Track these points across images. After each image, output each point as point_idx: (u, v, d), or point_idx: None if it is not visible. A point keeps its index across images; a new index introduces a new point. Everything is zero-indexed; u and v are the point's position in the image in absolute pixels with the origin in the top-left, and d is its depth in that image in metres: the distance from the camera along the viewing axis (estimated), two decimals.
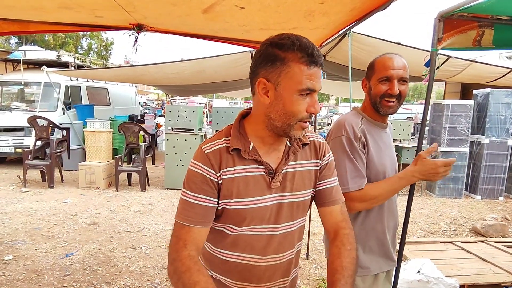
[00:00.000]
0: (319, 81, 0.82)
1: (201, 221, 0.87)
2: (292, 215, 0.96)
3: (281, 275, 0.98)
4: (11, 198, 4.87)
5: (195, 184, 0.87)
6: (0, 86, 7.37)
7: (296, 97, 0.81)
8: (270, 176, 0.91)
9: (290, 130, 0.85)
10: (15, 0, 1.60)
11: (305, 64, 0.79)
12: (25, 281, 2.69)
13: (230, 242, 0.94)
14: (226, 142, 0.90)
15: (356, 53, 5.02)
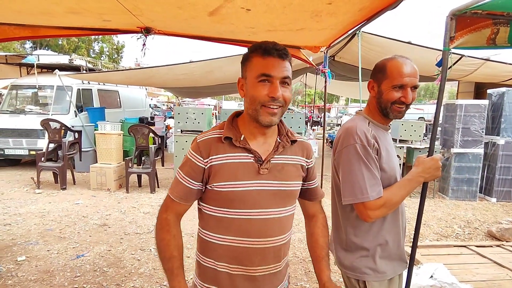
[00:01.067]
0: (276, 69, 0.95)
1: (182, 198, 1.03)
2: (283, 202, 1.05)
3: (272, 260, 1.06)
4: (25, 200, 4.98)
5: (185, 167, 1.03)
6: (15, 90, 7.57)
7: (256, 84, 0.96)
8: (259, 163, 1.01)
9: (258, 115, 0.97)
10: (23, 5, 1.62)
11: (260, 55, 0.96)
12: (37, 282, 2.73)
13: (225, 227, 1.02)
14: (218, 133, 1.03)
15: (365, 53, 4.95)
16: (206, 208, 1.06)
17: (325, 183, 5.64)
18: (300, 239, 3.81)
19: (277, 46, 0.96)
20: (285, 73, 0.96)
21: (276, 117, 0.97)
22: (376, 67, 1.28)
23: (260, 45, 0.97)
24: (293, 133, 1.12)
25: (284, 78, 0.96)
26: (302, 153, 1.11)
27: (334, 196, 1.42)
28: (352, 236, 1.32)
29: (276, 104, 0.95)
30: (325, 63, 2.66)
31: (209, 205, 1.04)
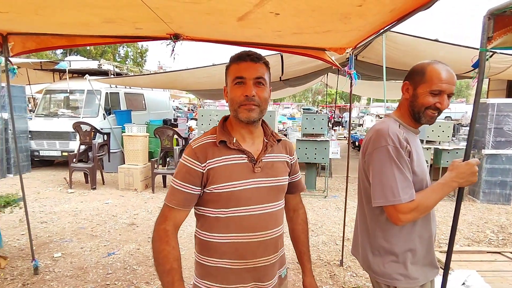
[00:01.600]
0: (248, 71, 1.03)
1: (181, 204, 1.06)
2: (275, 197, 1.14)
3: (272, 251, 1.14)
4: (58, 199, 5.25)
5: (181, 174, 1.06)
6: (49, 94, 7.99)
7: (233, 87, 1.06)
8: (253, 163, 1.08)
9: (237, 114, 1.05)
10: (66, 18, 1.72)
11: (235, 62, 1.07)
12: (73, 278, 2.88)
13: (223, 225, 1.07)
14: (212, 138, 1.09)
15: (390, 52, 4.82)
16: (204, 210, 1.10)
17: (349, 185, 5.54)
18: (324, 241, 3.78)
19: (249, 52, 1.07)
20: (258, 73, 1.04)
21: (254, 112, 1.04)
22: (414, 70, 1.26)
23: (235, 55, 1.08)
24: (276, 134, 1.21)
25: (257, 78, 1.04)
26: (286, 150, 1.22)
27: (361, 199, 1.40)
28: (381, 240, 1.30)
29: (252, 103, 1.03)
30: (350, 64, 2.62)
31: (208, 207, 1.09)
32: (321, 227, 4.25)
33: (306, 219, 1.37)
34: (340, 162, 8.72)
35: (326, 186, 5.82)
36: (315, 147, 5.55)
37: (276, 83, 7.43)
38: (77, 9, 1.58)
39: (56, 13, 1.64)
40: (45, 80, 9.34)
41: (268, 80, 1.10)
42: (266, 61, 1.10)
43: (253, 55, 1.06)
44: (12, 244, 3.51)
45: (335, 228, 4.21)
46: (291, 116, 20.63)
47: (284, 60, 5.50)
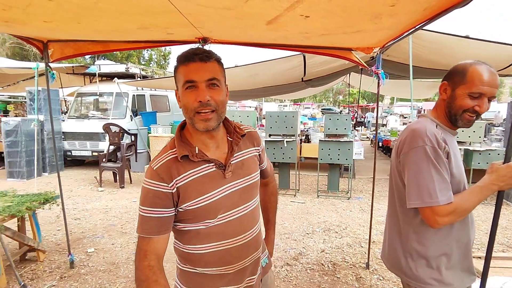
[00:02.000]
0: (199, 73, 0.93)
1: (158, 231, 0.96)
2: (250, 196, 1.09)
3: (253, 249, 1.12)
4: (90, 197, 5.51)
5: (148, 200, 0.96)
6: (80, 97, 8.39)
7: (184, 92, 0.95)
8: (222, 169, 1.02)
9: (194, 123, 0.96)
10: (104, 25, 1.82)
11: (182, 64, 0.95)
12: (105, 272, 3.02)
13: (204, 237, 1.02)
14: (172, 153, 0.99)
15: (416, 50, 4.68)
16: (181, 226, 1.03)
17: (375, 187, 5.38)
18: (349, 243, 3.73)
19: (197, 51, 0.95)
20: (210, 74, 0.94)
21: (212, 121, 0.96)
22: (454, 70, 1.21)
23: (182, 54, 0.97)
24: (240, 127, 1.12)
25: (209, 80, 0.94)
26: (253, 143, 1.15)
27: (393, 200, 1.38)
28: (414, 243, 1.27)
29: (207, 109, 0.94)
30: (378, 64, 2.58)
31: (184, 223, 1.02)
32: (345, 229, 4.19)
33: (276, 191, 1.41)
34: (364, 163, 8.55)
35: (349, 187, 5.74)
36: (338, 148, 5.48)
37: (298, 83, 7.40)
38: (115, 17, 1.66)
39: (95, 21, 1.74)
40: (76, 83, 9.81)
41: (223, 79, 1.01)
42: (218, 58, 0.99)
43: (201, 53, 0.95)
44: (49, 239, 3.73)
45: (360, 230, 4.14)
46: (312, 116, 20.44)
47: (306, 61, 5.48)
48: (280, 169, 6.05)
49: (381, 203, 5.27)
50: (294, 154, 5.60)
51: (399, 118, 18.02)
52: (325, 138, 5.60)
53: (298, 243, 3.74)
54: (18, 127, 6.56)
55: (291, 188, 6.03)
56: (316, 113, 23.82)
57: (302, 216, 4.67)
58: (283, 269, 3.12)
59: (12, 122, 6.64)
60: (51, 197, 3.18)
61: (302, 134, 8.04)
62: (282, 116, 5.67)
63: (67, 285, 2.78)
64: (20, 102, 16.16)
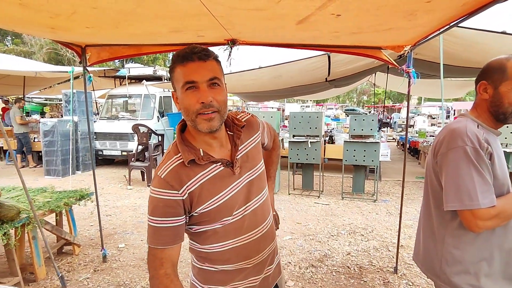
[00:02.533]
0: (199, 73, 0.89)
1: (172, 241, 0.93)
2: (260, 187, 1.08)
3: (270, 240, 1.12)
4: (120, 195, 5.73)
5: (158, 210, 0.92)
6: (111, 99, 8.76)
7: (184, 93, 0.91)
8: (230, 166, 1.00)
9: (196, 125, 0.92)
10: (139, 29, 1.90)
11: (180, 64, 0.91)
12: (135, 267, 3.14)
13: (222, 235, 1.01)
14: (178, 159, 0.95)
15: (448, 47, 4.48)
16: (197, 228, 1.01)
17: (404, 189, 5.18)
18: (375, 247, 3.64)
19: (195, 49, 0.90)
20: (210, 74, 0.90)
21: (215, 121, 0.92)
22: (490, 68, 1.17)
23: (179, 53, 0.92)
24: (237, 117, 1.08)
25: (211, 80, 0.90)
26: (254, 130, 1.12)
27: (428, 202, 1.33)
28: (451, 247, 1.22)
29: (210, 110, 0.90)
30: (408, 62, 2.51)
31: (200, 225, 1.00)
32: (371, 232, 4.09)
33: (277, 146, 1.40)
34: (390, 165, 8.30)
35: (375, 189, 5.59)
36: (364, 149, 5.36)
37: (321, 84, 7.31)
38: (150, 21, 1.73)
39: (131, 26, 1.82)
40: (107, 86, 10.26)
41: (223, 78, 0.97)
42: (216, 56, 0.95)
43: (200, 52, 0.90)
44: (83, 234, 3.92)
45: (387, 234, 4.02)
46: (335, 117, 20.13)
47: (331, 60, 5.41)
48: (304, 170, 6.00)
49: (409, 206, 5.10)
50: (318, 155, 5.54)
51: (427, 118, 17.35)
52: (350, 139, 5.49)
53: (323, 244, 3.70)
54: (55, 128, 6.95)
55: (315, 189, 5.97)
56: (340, 114, 23.42)
57: (327, 218, 4.61)
58: (308, 271, 3.10)
59: (49, 123, 7.05)
60: (86, 194, 3.35)
61: (326, 135, 7.94)
62: (306, 116, 5.63)
63: (100, 278, 2.92)
64: (55, 104, 17.12)
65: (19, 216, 2.52)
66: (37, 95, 14.21)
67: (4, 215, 2.40)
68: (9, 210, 2.42)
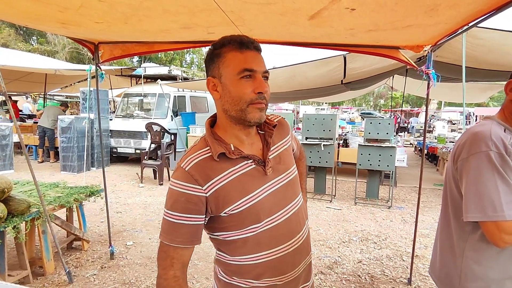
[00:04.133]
0: (257, 63, 0.85)
1: (188, 241, 0.87)
2: (293, 193, 0.99)
3: (306, 253, 1.02)
4: (131, 192, 5.79)
5: (179, 204, 0.85)
6: (126, 98, 8.90)
7: (238, 81, 0.85)
8: (261, 165, 0.92)
9: (245, 115, 0.86)
10: (149, 25, 1.88)
11: (236, 50, 0.85)
12: (142, 266, 3.12)
13: (254, 246, 0.91)
14: (205, 152, 0.89)
15: (470, 49, 4.28)
16: (224, 235, 0.93)
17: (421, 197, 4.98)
18: (388, 256, 3.49)
19: (251, 39, 0.87)
20: (265, 67, 0.88)
21: (264, 112, 0.90)
22: None
23: (233, 38, 0.86)
24: (270, 118, 1.02)
25: (265, 72, 0.88)
26: (285, 132, 1.06)
27: (447, 211, 1.22)
28: (471, 262, 1.12)
29: (263, 101, 0.87)
30: (428, 63, 2.38)
31: (227, 231, 0.92)
32: (384, 240, 3.94)
33: (303, 157, 1.32)
34: (406, 171, 8.05)
35: (390, 195, 5.41)
36: (379, 154, 5.20)
37: (337, 86, 7.17)
38: (159, 16, 1.70)
39: (141, 21, 1.80)
40: (124, 85, 10.46)
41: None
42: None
43: (255, 42, 0.87)
44: (93, 230, 3.96)
45: (401, 243, 3.86)
46: (350, 120, 19.79)
47: (347, 61, 5.29)
48: (316, 173, 5.88)
49: (426, 214, 4.89)
50: (331, 159, 5.41)
51: (446, 124, 16.77)
52: (365, 143, 5.34)
53: (333, 251, 3.58)
54: (72, 125, 7.11)
55: (327, 193, 5.83)
56: (355, 117, 23.02)
57: (338, 223, 4.48)
58: (317, 278, 3.00)
59: (67, 119, 7.23)
60: (96, 190, 3.37)
61: (340, 138, 7.78)
62: (320, 118, 5.52)
63: (106, 275, 2.92)
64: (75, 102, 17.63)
65: (29, 210, 2.55)
66: (58, 93, 14.67)
67: (14, 208, 2.43)
68: (19, 204, 2.45)
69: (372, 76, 6.56)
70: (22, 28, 21.46)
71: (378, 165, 5.22)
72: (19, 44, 20.89)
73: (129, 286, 2.75)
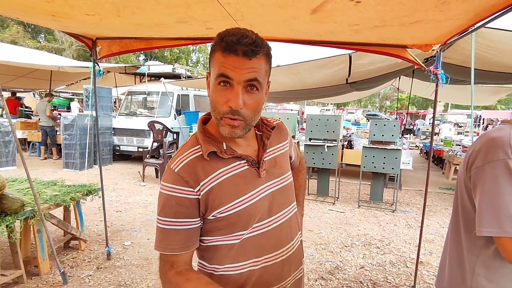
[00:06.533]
0: (238, 70, 0.73)
1: (183, 247, 0.81)
2: (287, 200, 0.94)
3: (295, 266, 0.96)
4: (132, 191, 5.74)
5: (170, 209, 0.80)
6: (130, 96, 8.88)
7: (215, 86, 0.77)
8: (255, 167, 0.87)
9: (219, 125, 0.79)
10: (143, 18, 1.80)
11: (221, 51, 0.74)
12: (138, 267, 3.06)
13: (239, 253, 0.85)
14: (196, 151, 0.83)
15: (480, 50, 4.14)
16: (209, 240, 0.86)
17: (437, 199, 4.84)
18: (392, 261, 3.38)
19: (242, 40, 0.72)
20: (250, 75, 0.74)
21: (238, 130, 0.78)
22: None
23: (223, 37, 0.74)
24: (268, 120, 0.96)
25: (249, 81, 0.75)
26: (283, 136, 1.00)
27: (457, 222, 1.13)
28: (481, 279, 1.02)
29: (236, 117, 0.76)
30: (437, 63, 2.27)
31: (213, 236, 0.85)
32: (388, 244, 3.83)
33: (303, 167, 1.24)
34: (411, 174, 7.89)
35: (395, 199, 5.28)
36: (384, 156, 5.08)
37: (342, 86, 7.05)
38: (152, 8, 1.63)
39: (134, 14, 1.73)
40: (128, 83, 10.45)
41: (267, 78, 0.81)
42: (267, 51, 0.78)
43: (248, 45, 0.72)
44: (91, 229, 3.91)
45: (405, 248, 3.75)
46: (355, 121, 19.61)
47: (352, 61, 5.17)
48: (320, 175, 5.78)
49: (431, 219, 4.77)
50: (335, 160, 5.30)
51: (453, 126, 16.51)
52: (370, 145, 5.22)
53: (335, 255, 3.48)
54: (75, 122, 7.10)
55: (330, 195, 5.73)
56: (360, 119, 22.80)
57: (341, 226, 4.38)
58: (317, 283, 2.90)
59: (70, 117, 7.22)
60: (94, 189, 3.32)
61: (345, 140, 7.66)
62: (323, 119, 5.42)
63: (102, 276, 2.86)
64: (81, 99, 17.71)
65: (23, 209, 2.50)
66: (64, 90, 14.75)
67: (7, 207, 2.38)
68: (12, 203, 2.40)
69: (378, 76, 6.43)
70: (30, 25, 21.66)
71: (383, 167, 5.10)
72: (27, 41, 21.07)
73: None
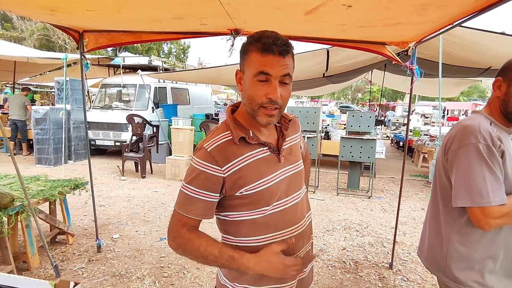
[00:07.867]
0: (276, 68, 0.87)
1: (202, 214, 0.95)
2: (300, 183, 1.08)
3: (307, 239, 1.10)
4: (113, 185, 5.66)
5: (198, 181, 0.93)
6: (104, 88, 8.59)
7: (254, 82, 0.90)
8: (276, 153, 1.00)
9: (256, 115, 0.93)
10: (142, 15, 1.84)
11: (258, 52, 0.87)
12: (131, 258, 3.10)
13: (261, 227, 0.98)
14: (226, 136, 0.96)
15: (446, 46, 4.51)
16: (233, 215, 0.99)
17: (396, 187, 5.22)
18: (370, 243, 3.67)
19: (277, 41, 0.87)
20: (285, 71, 0.89)
21: (274, 118, 0.94)
22: (509, 65, 1.15)
23: (259, 38, 0.88)
24: (286, 113, 1.10)
25: (283, 76, 0.89)
26: (296, 129, 1.14)
27: (436, 198, 1.33)
28: (457, 245, 1.22)
29: (274, 106, 0.91)
30: (412, 59, 2.50)
31: (238, 211, 0.98)
32: (366, 227, 4.13)
33: (308, 158, 1.38)
34: (384, 162, 8.37)
35: (370, 186, 5.64)
36: (360, 146, 5.39)
37: (319, 79, 7.29)
38: (153, 6, 1.68)
39: (134, 11, 1.76)
40: (100, 75, 10.05)
41: (293, 72, 0.95)
42: (293, 50, 0.93)
43: (282, 46, 0.87)
44: (77, 224, 3.86)
45: (382, 230, 4.07)
46: (330, 113, 20.17)
47: (330, 56, 5.39)
48: None
49: (403, 203, 5.15)
50: (314, 151, 5.55)
51: (420, 117, 17.49)
52: (347, 135, 5.51)
53: (318, 239, 3.72)
54: (47, 116, 6.80)
55: (310, 184, 5.99)
56: (335, 111, 23.48)
57: (322, 213, 4.63)
58: None
59: (41, 110, 6.89)
60: (81, 183, 3.29)
61: (322, 131, 7.95)
62: (304, 111, 5.62)
63: (95, 268, 2.88)
64: (46, 92, 16.74)
65: (12, 204, 2.46)
66: (27, 82, 13.88)
67: None
68: (2, 198, 2.36)
69: (353, 69, 6.73)
70: None
71: (360, 157, 5.41)
72: None
73: (119, 278, 2.74)
